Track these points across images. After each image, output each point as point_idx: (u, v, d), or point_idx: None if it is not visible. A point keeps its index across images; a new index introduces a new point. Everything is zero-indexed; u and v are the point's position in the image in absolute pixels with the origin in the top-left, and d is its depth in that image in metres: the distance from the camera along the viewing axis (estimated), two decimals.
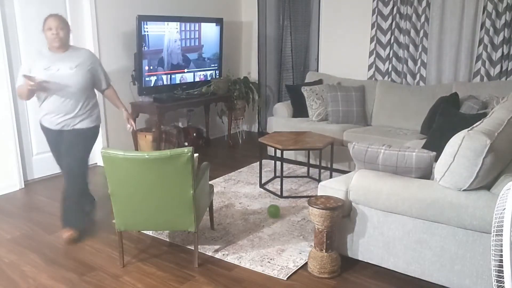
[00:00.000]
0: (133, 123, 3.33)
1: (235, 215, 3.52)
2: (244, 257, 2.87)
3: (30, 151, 4.36)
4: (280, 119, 5.05)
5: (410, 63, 4.90)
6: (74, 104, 3.05)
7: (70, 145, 3.10)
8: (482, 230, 2.19)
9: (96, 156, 4.85)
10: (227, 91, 5.59)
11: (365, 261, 2.68)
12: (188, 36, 5.21)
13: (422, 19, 4.72)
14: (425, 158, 2.44)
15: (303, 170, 4.67)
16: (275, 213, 3.46)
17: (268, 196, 3.93)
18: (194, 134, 5.45)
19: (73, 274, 2.70)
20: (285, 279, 2.62)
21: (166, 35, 4.94)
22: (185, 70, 5.27)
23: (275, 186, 4.16)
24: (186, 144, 5.26)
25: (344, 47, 5.41)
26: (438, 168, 2.31)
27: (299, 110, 5.07)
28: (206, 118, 5.79)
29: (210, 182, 3.27)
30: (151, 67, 4.84)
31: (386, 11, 4.95)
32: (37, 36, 4.24)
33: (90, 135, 3.19)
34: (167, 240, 3.13)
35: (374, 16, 5.02)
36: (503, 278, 1.21)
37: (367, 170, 2.65)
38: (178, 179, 2.58)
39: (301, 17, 5.79)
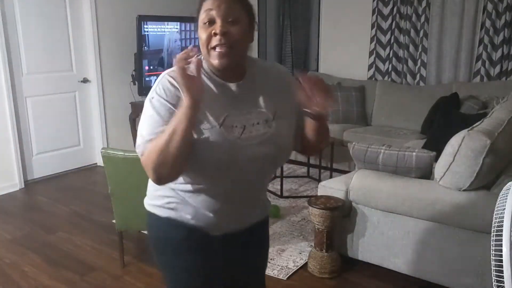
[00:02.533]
0: None
1: None
2: None
3: (30, 151, 4.36)
4: None
5: (410, 63, 4.89)
6: (259, 182, 1.51)
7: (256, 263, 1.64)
8: (482, 230, 2.18)
9: (96, 156, 4.85)
10: None
11: (365, 261, 2.67)
12: (188, 36, 5.21)
13: (422, 19, 4.72)
14: (425, 158, 2.44)
15: (303, 170, 4.67)
16: (275, 213, 3.46)
17: (268, 196, 3.92)
18: None
19: (74, 274, 2.70)
20: (285, 279, 2.63)
21: (166, 35, 4.94)
22: None
23: (275, 186, 4.16)
24: None
25: (344, 47, 5.40)
26: (438, 168, 2.31)
27: None
28: None
29: None
30: (151, 67, 4.84)
31: (386, 11, 4.95)
32: (38, 35, 4.25)
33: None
34: None
35: (374, 16, 5.02)
36: (503, 278, 1.21)
37: (367, 170, 2.65)
38: None
39: (301, 17, 5.79)
